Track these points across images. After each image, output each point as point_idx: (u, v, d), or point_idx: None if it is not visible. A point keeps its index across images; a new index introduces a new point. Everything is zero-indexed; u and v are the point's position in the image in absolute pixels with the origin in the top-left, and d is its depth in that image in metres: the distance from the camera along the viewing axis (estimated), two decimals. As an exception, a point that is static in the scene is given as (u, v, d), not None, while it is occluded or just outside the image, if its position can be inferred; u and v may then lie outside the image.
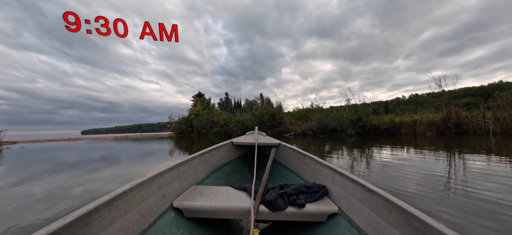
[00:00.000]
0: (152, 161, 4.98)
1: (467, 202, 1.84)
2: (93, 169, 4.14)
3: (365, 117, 11.96)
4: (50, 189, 2.74)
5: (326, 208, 1.08)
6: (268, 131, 17.52)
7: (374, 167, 3.44)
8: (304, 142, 9.12)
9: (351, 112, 12.68)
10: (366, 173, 3.07)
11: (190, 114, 30.12)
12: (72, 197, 2.39)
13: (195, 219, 1.14)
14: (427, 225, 0.66)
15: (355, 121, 12.00)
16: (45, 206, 2.11)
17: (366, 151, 5.52)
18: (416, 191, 2.18)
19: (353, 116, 12.24)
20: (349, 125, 12.08)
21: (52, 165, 4.90)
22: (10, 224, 1.69)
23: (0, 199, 2.43)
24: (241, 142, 2.18)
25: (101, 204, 0.75)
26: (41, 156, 7.13)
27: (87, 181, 3.15)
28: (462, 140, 7.22)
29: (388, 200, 0.82)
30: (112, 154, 6.86)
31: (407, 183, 2.46)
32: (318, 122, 13.26)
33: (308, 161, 1.59)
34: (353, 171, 3.30)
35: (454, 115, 9.59)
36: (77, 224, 0.66)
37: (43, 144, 14.68)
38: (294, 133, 14.49)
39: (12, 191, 2.73)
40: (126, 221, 0.84)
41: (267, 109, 19.81)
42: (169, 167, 1.20)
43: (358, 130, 11.77)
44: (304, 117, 15.69)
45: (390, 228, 0.79)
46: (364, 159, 4.34)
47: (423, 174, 2.84)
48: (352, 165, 3.72)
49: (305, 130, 13.68)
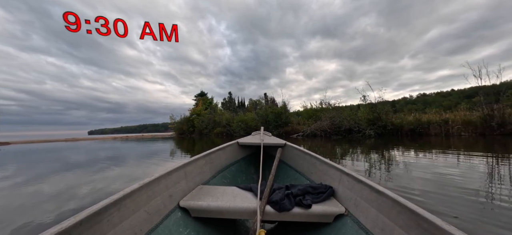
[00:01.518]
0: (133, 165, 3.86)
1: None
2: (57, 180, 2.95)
3: (385, 115, 10.54)
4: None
5: (333, 209, 1.06)
6: (273, 132, 16.26)
7: (405, 178, 2.61)
8: (315, 144, 7.85)
9: (367, 110, 11.31)
10: (394, 185, 2.34)
11: (191, 114, 29.08)
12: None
13: (202, 219, 1.14)
14: (437, 227, 0.64)
15: (373, 120, 10.62)
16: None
17: (392, 156, 4.39)
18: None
19: (370, 115, 10.86)
20: (366, 125, 10.71)
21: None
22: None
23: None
24: (247, 142, 2.15)
25: (110, 203, 0.75)
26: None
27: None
28: (510, 142, 5.85)
29: (397, 201, 0.80)
30: (91, 158, 5.74)
31: (468, 208, 1.68)
32: (330, 122, 11.91)
33: (314, 161, 1.55)
34: (379, 182, 2.52)
35: (497, 112, 8.11)
36: (87, 222, 0.67)
37: (35, 146, 13.77)
38: (303, 133, 13.16)
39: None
40: (134, 220, 0.84)
41: (272, 108, 18.49)
42: (176, 167, 1.20)
43: (377, 130, 10.35)
44: (313, 116, 14.37)
45: (398, 230, 0.77)
46: (390, 165, 3.44)
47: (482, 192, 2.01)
48: (375, 174, 2.88)
49: (316, 130, 12.33)
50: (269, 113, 17.73)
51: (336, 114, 12.19)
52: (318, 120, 12.72)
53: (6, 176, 3.69)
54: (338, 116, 11.95)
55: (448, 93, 68.50)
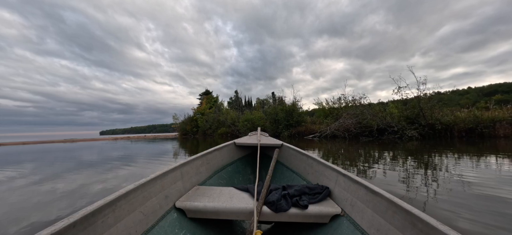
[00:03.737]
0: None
1: None
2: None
3: (429, 112, 8.27)
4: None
5: (329, 209, 1.06)
6: (284, 133, 14.28)
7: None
8: (339, 148, 5.82)
9: (401, 106, 9.19)
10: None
11: (195, 113, 27.56)
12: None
13: (198, 220, 1.13)
14: (431, 227, 0.64)
15: (413, 118, 8.46)
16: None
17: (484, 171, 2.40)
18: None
19: (410, 112, 8.70)
20: (405, 123, 8.52)
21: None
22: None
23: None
24: (244, 143, 2.12)
25: (105, 204, 0.74)
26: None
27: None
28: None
29: (392, 201, 0.79)
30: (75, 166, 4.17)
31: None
32: (356, 121, 9.78)
33: (311, 162, 1.54)
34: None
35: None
36: (81, 224, 0.66)
37: (27, 147, 12.60)
38: (320, 134, 11.18)
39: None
40: (129, 221, 0.83)
41: (283, 105, 16.42)
42: (172, 168, 1.18)
43: (421, 130, 8.07)
44: (331, 114, 12.37)
45: (394, 230, 0.77)
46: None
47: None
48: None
49: (337, 131, 10.30)
50: (278, 111, 15.60)
51: (364, 111, 9.93)
52: (339, 119, 10.66)
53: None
54: (367, 113, 9.69)
55: (465, 91, 64.98)
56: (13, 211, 2.00)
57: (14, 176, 3.71)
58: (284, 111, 15.02)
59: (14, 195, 2.54)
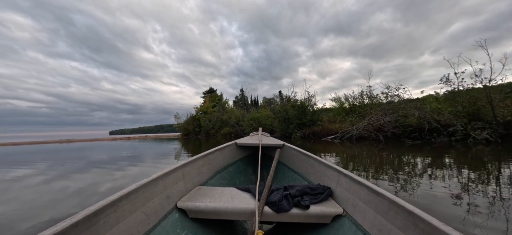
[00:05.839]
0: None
1: None
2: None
3: (502, 106, 6.12)
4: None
5: (330, 209, 1.05)
6: (296, 133, 12.23)
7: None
8: (382, 152, 3.82)
9: (452, 100, 7.10)
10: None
11: (197, 112, 25.99)
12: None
13: (199, 220, 1.13)
14: (433, 227, 0.63)
15: (476, 115, 6.32)
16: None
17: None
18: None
19: (469, 106, 6.55)
20: (467, 122, 6.43)
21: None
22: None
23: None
24: (245, 143, 2.13)
25: (107, 204, 0.74)
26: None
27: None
28: None
29: (394, 202, 0.78)
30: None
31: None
32: (394, 118, 7.60)
33: (312, 162, 1.54)
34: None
35: None
36: (83, 224, 0.66)
37: (24, 148, 11.39)
38: (342, 135, 9.22)
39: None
40: (131, 221, 0.83)
41: (294, 102, 14.03)
42: (174, 168, 1.18)
43: (493, 131, 5.97)
44: (355, 112, 10.34)
45: (396, 231, 0.76)
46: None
47: None
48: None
49: (366, 132, 8.22)
50: (289, 108, 13.46)
51: (408, 105, 7.77)
52: (369, 116, 8.62)
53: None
54: (412, 108, 7.50)
55: (480, 89, 60.65)
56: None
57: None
58: (296, 108, 12.85)
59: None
